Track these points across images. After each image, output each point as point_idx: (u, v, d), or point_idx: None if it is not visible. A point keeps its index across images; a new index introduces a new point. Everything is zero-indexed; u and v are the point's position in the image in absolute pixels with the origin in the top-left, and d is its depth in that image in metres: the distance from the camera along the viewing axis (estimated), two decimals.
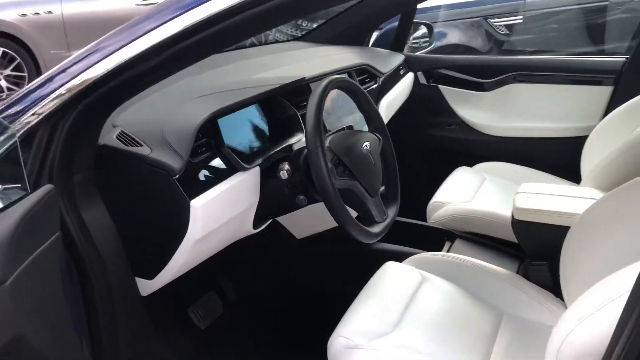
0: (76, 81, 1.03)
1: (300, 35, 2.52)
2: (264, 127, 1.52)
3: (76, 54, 1.08)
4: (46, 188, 1.00)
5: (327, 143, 1.36)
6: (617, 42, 3.41)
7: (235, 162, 1.31)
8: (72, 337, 1.12)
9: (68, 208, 1.10)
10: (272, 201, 1.42)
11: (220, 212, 1.28)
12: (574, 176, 2.02)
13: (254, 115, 1.50)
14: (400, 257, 1.67)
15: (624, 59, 2.22)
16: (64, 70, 1.06)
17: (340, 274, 1.89)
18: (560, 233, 1.45)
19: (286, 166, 1.36)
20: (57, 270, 1.05)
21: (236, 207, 1.34)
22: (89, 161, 1.14)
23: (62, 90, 1.03)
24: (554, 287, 1.52)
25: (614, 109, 1.99)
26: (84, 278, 1.15)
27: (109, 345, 1.21)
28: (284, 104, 1.55)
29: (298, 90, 1.64)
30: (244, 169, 1.33)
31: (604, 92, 2.22)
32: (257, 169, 1.38)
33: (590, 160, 1.91)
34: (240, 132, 1.43)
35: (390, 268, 1.59)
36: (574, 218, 1.46)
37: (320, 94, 1.30)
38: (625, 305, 0.84)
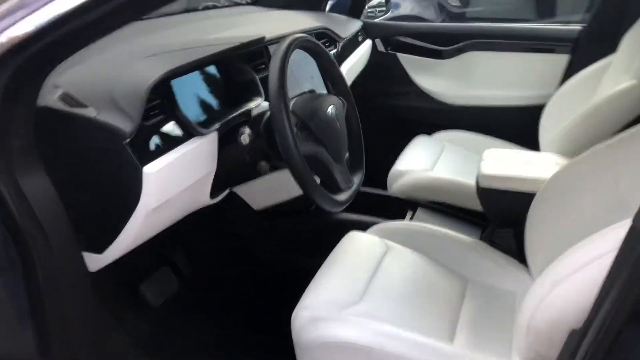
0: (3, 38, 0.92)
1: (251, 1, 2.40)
2: (221, 90, 1.43)
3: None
4: None
5: (290, 106, 1.28)
6: (569, 14, 3.44)
7: (191, 127, 1.21)
8: (14, 324, 1.02)
9: (4, 177, 0.98)
10: (232, 169, 1.33)
11: (175, 180, 1.18)
12: (532, 144, 2.02)
13: (209, 77, 1.40)
14: (362, 227, 1.62)
15: (580, 27, 2.22)
16: None
17: (302, 246, 1.83)
18: (526, 200, 1.43)
19: (247, 131, 1.27)
20: None
21: (193, 174, 1.24)
22: (28, 124, 1.02)
23: None
24: (519, 254, 1.51)
25: (571, 76, 1.99)
26: (25, 255, 1.04)
27: (56, 330, 1.11)
28: (241, 67, 1.46)
29: (256, 53, 1.55)
30: (201, 134, 1.23)
31: (561, 60, 2.22)
32: (215, 134, 1.29)
33: (550, 127, 1.91)
34: (195, 95, 1.33)
35: (354, 238, 1.54)
36: (540, 184, 1.44)
37: (283, 53, 1.22)
38: (612, 265, 0.82)
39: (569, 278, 0.98)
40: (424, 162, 2.00)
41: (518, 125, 2.15)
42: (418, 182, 1.88)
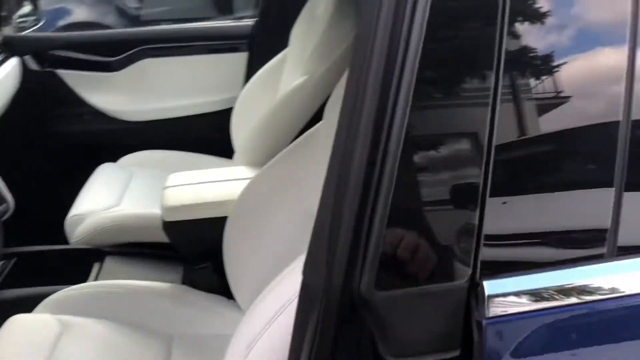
0: None
1: None
2: None
3: None
4: None
5: None
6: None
7: None
8: None
9: None
10: None
11: None
12: (230, 153, 1.85)
13: None
14: (34, 304, 1.25)
15: (253, 22, 2.13)
16: None
17: None
18: (220, 226, 1.24)
19: None
20: None
21: None
22: None
23: None
24: (225, 290, 1.31)
25: (253, 75, 1.88)
26: None
27: None
28: None
29: None
30: None
31: (241, 59, 2.10)
32: None
33: (240, 133, 1.76)
34: None
35: (15, 324, 1.17)
36: (230, 206, 1.27)
37: None
38: (294, 329, 0.65)
39: (261, 337, 0.80)
40: (108, 197, 1.67)
41: (211, 135, 1.97)
42: (101, 225, 1.55)
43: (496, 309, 0.52)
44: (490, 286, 0.52)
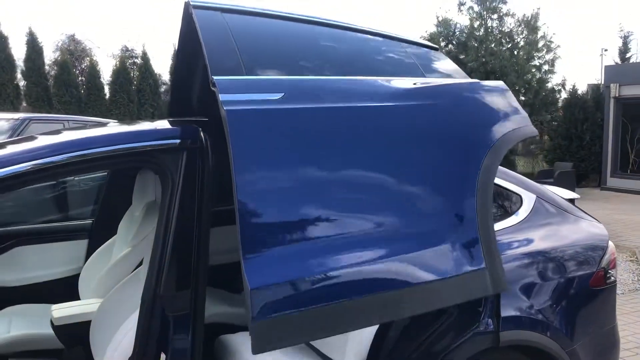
0: None
1: None
2: None
3: None
4: None
5: None
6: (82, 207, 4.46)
7: None
8: None
9: None
10: None
11: None
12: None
13: None
14: None
15: (91, 221, 3.43)
16: None
17: None
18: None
19: None
20: None
21: None
22: None
23: None
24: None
25: (93, 252, 3.12)
26: None
27: None
28: None
29: None
30: None
31: (82, 243, 3.34)
32: None
33: (87, 284, 2.95)
34: None
35: None
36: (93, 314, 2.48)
37: None
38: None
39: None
40: None
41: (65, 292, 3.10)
42: None
43: None
44: None
